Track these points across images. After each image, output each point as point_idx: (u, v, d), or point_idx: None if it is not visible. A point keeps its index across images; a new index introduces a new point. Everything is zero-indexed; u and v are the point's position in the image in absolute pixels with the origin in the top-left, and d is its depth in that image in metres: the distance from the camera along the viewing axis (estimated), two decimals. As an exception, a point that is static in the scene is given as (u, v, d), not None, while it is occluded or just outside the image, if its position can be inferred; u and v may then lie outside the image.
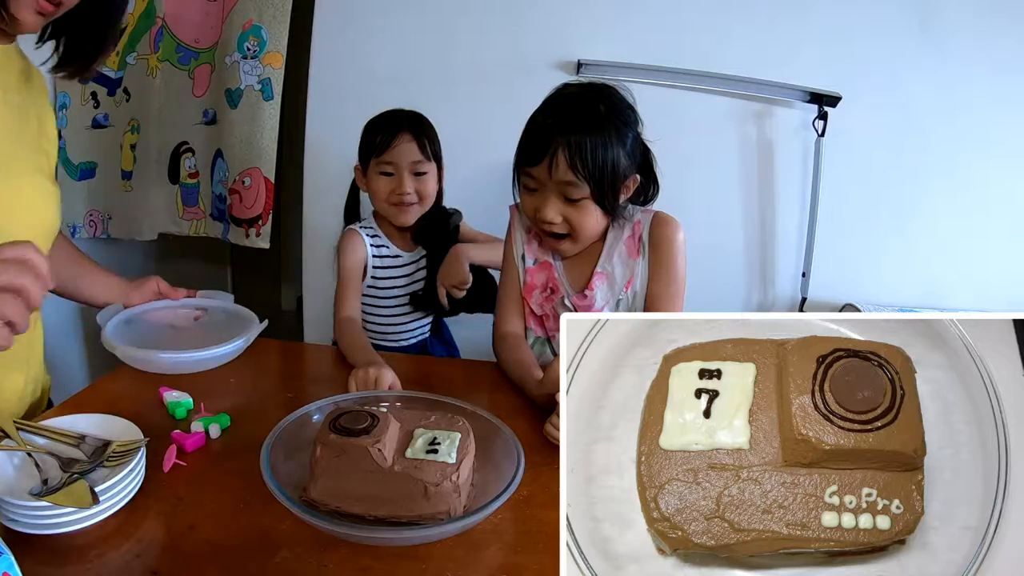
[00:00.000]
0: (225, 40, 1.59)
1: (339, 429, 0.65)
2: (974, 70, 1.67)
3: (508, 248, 1.13)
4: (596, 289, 1.04)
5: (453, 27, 1.66)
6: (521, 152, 0.99)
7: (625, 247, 1.05)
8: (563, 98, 0.98)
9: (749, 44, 1.66)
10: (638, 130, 0.98)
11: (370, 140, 1.24)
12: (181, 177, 1.72)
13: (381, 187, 1.23)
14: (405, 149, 1.22)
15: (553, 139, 0.92)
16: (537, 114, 0.99)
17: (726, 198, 1.76)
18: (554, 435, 0.80)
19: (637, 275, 1.04)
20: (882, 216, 1.77)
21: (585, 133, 0.92)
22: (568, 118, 0.93)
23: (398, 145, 1.21)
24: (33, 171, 0.81)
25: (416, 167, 1.23)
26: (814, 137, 1.67)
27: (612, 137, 0.93)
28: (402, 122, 1.24)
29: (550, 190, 0.96)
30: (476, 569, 0.60)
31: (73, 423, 0.73)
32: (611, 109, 0.95)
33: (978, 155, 1.72)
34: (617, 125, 0.94)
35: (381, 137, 1.22)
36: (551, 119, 0.94)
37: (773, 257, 1.81)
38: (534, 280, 1.08)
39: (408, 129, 1.23)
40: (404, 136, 1.22)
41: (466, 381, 1.03)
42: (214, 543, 0.61)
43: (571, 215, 0.97)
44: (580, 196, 0.95)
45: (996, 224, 1.77)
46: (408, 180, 1.22)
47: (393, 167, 1.22)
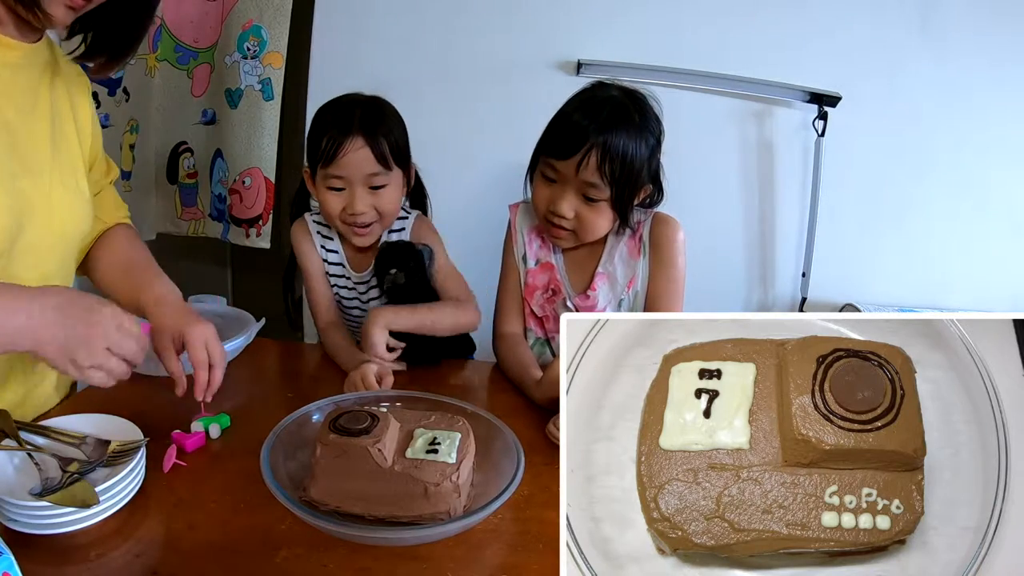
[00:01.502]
0: (225, 40, 1.59)
1: (339, 429, 0.65)
2: (974, 70, 1.67)
3: (508, 248, 1.13)
4: (598, 289, 1.04)
5: (453, 27, 1.66)
6: (549, 143, 0.99)
7: (626, 247, 1.05)
8: (601, 100, 0.98)
9: (749, 44, 1.66)
10: (660, 141, 1.00)
11: (315, 142, 1.00)
12: (180, 177, 1.72)
13: (331, 204, 1.02)
14: (357, 159, 0.98)
15: (588, 138, 0.93)
16: (571, 110, 0.98)
17: (726, 198, 1.76)
18: (557, 435, 0.80)
19: (638, 275, 1.04)
20: (882, 216, 1.77)
21: (620, 140, 0.93)
22: (606, 121, 0.94)
23: (348, 153, 0.97)
24: (58, 171, 0.79)
25: (372, 180, 1.00)
26: (814, 137, 1.67)
27: (642, 147, 0.95)
28: (353, 121, 0.98)
29: (571, 186, 0.97)
30: (476, 569, 0.60)
31: (73, 423, 0.73)
32: (643, 117, 0.97)
33: (978, 155, 1.72)
34: (646, 135, 0.96)
35: (327, 141, 0.98)
36: (588, 118, 0.95)
37: (773, 257, 1.81)
38: (535, 281, 1.08)
39: (361, 131, 0.98)
40: (355, 141, 0.98)
41: (466, 381, 1.03)
42: (214, 543, 0.61)
43: (585, 214, 0.98)
44: (599, 198, 0.96)
45: (996, 224, 1.77)
46: (362, 197, 1.00)
47: (343, 181, 1.00)
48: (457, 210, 1.35)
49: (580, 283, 1.07)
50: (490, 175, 1.62)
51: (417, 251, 1.02)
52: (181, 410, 0.83)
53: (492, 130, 1.68)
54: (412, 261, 1.01)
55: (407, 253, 1.02)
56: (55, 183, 0.78)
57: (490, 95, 1.68)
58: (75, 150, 0.83)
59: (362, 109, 1.01)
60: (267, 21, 1.54)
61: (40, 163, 0.76)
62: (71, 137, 0.82)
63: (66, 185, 0.80)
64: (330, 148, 0.98)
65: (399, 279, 1.00)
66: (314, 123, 1.03)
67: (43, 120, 0.78)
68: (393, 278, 1.00)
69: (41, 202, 0.75)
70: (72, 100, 0.83)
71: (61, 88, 0.81)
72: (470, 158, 1.71)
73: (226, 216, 1.66)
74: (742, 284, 1.83)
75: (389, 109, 1.04)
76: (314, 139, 1.01)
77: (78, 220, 0.82)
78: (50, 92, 0.79)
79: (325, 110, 1.03)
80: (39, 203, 0.75)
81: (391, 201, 1.04)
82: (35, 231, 0.75)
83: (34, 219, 0.74)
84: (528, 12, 1.65)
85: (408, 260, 1.01)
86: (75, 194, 0.82)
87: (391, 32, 1.66)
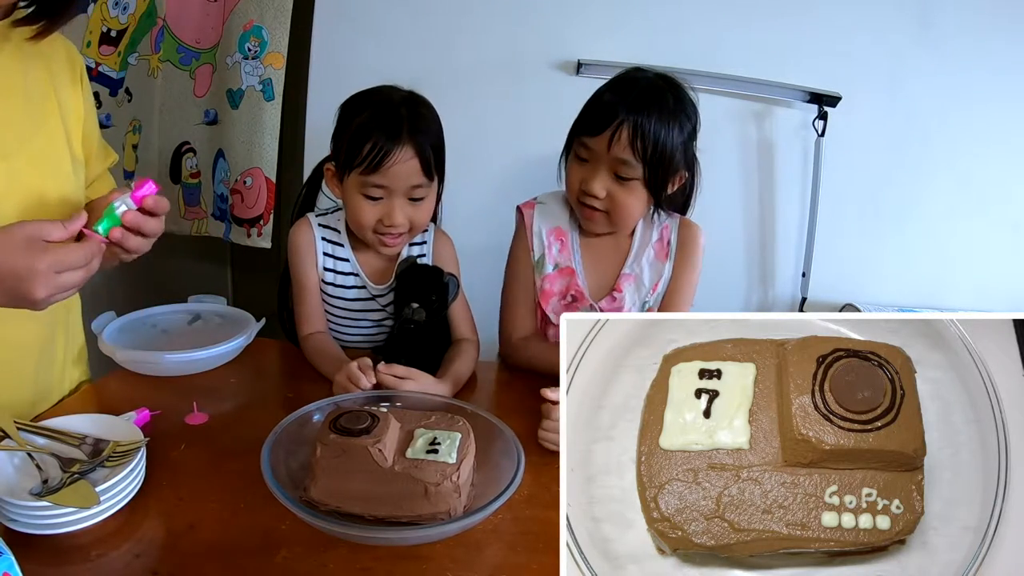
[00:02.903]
0: (226, 40, 1.59)
1: (339, 429, 0.65)
2: (974, 70, 1.67)
3: (518, 252, 1.11)
4: (624, 291, 1.04)
5: (453, 27, 1.66)
6: (582, 121, 1.00)
7: (654, 250, 1.05)
8: (634, 80, 0.99)
9: (749, 44, 1.66)
10: (696, 129, 1.00)
11: (356, 146, 0.91)
12: (183, 177, 1.72)
13: (366, 213, 0.95)
14: (406, 170, 0.91)
15: (619, 114, 0.93)
16: (604, 91, 0.99)
17: (726, 198, 1.76)
18: (550, 439, 0.79)
19: (663, 278, 1.05)
20: (882, 216, 1.77)
21: (651, 116, 0.93)
22: (637, 99, 0.94)
23: (396, 164, 0.90)
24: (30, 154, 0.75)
25: (414, 192, 0.94)
26: (814, 137, 1.67)
27: (674, 127, 0.95)
28: (402, 126, 0.90)
29: (603, 164, 0.97)
30: (476, 569, 0.60)
31: (73, 423, 0.73)
32: (679, 101, 0.97)
33: (978, 155, 1.72)
34: (681, 119, 0.96)
35: (373, 148, 0.89)
36: (619, 96, 0.95)
37: (773, 257, 1.81)
38: (552, 287, 1.07)
39: (411, 138, 0.90)
40: (405, 151, 0.90)
41: (467, 381, 1.03)
42: (214, 543, 0.61)
43: (617, 193, 0.98)
44: (631, 176, 0.96)
45: (996, 224, 1.77)
46: (402, 207, 0.94)
47: (384, 191, 0.93)
48: (457, 210, 1.35)
49: (599, 286, 1.06)
50: (490, 175, 1.62)
51: (443, 284, 0.94)
52: (181, 410, 0.84)
53: (492, 130, 1.68)
54: (436, 295, 0.94)
55: (431, 283, 0.94)
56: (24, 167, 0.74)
57: (490, 95, 1.68)
58: (56, 133, 0.79)
59: (408, 109, 0.93)
60: (268, 22, 1.54)
61: (6, 146, 0.73)
62: (51, 120, 0.79)
63: (40, 169, 0.76)
64: (376, 156, 0.89)
65: (419, 316, 0.93)
66: (350, 120, 0.94)
67: (10, 100, 0.74)
68: (413, 313, 0.93)
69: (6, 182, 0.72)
70: (55, 81, 0.80)
71: (39, 70, 0.78)
72: (470, 158, 1.70)
73: (228, 216, 1.66)
74: (742, 284, 1.83)
75: (430, 109, 0.97)
76: (354, 141, 0.91)
77: (51, 208, 0.77)
78: (22, 74, 0.76)
79: (361, 106, 0.93)
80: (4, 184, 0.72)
81: (427, 212, 0.98)
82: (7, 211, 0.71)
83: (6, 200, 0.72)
84: (528, 12, 1.65)
85: (431, 293, 0.94)
86: (52, 179, 0.78)
87: (391, 32, 1.66)
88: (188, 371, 0.95)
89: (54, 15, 0.73)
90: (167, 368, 0.94)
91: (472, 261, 1.16)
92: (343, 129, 0.95)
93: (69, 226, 0.63)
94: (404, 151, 0.90)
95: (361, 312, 1.07)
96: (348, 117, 0.95)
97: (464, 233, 1.21)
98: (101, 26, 1.60)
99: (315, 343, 1.02)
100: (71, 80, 0.83)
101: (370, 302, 1.05)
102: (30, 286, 0.60)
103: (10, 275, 0.60)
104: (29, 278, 0.60)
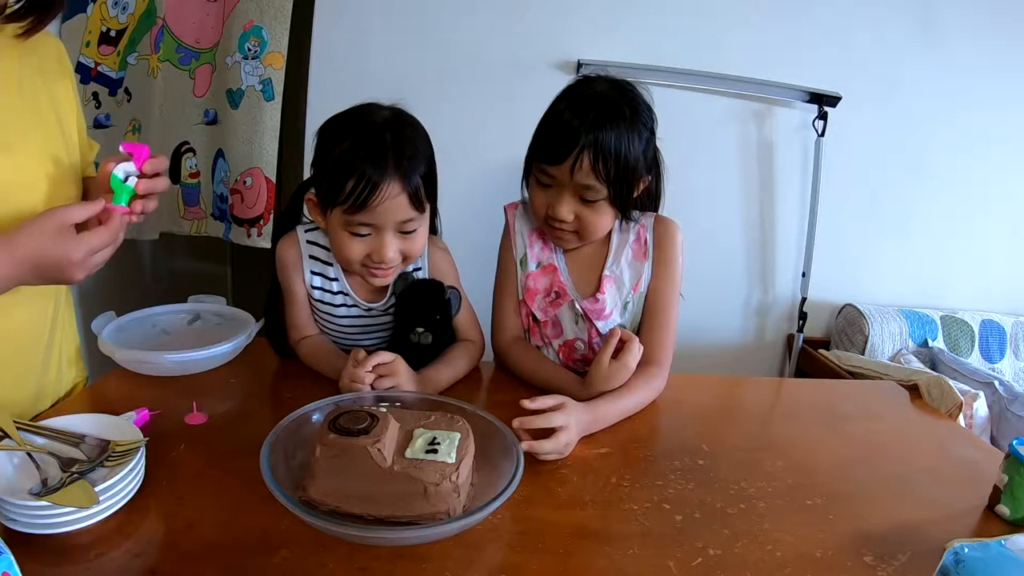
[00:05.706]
0: (226, 41, 1.59)
1: (339, 429, 0.65)
2: (974, 71, 1.67)
3: (504, 252, 1.11)
4: (607, 292, 1.04)
5: (453, 27, 1.66)
6: (541, 147, 0.97)
7: (632, 250, 1.05)
8: (589, 97, 0.94)
9: (749, 44, 1.66)
10: (654, 130, 0.98)
11: (338, 180, 0.83)
12: (182, 177, 1.72)
13: (352, 250, 0.88)
14: (393, 207, 0.84)
15: (578, 140, 0.90)
16: (561, 110, 0.95)
17: (726, 198, 1.77)
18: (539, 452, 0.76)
19: (643, 277, 1.04)
20: (882, 216, 1.78)
21: (612, 138, 0.91)
22: (596, 120, 0.91)
23: (384, 202, 0.83)
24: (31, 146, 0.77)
25: (404, 226, 0.88)
26: (814, 137, 1.68)
27: (635, 141, 0.93)
28: (386, 158, 0.83)
29: (567, 189, 0.95)
30: (476, 569, 0.60)
31: (73, 423, 0.73)
32: (635, 111, 0.94)
33: (978, 155, 1.72)
34: (639, 128, 0.94)
35: (356, 185, 0.82)
36: (577, 119, 0.92)
37: (773, 257, 1.81)
38: (536, 285, 1.07)
39: (397, 172, 0.83)
40: (392, 187, 0.83)
41: (466, 381, 1.03)
42: (214, 543, 0.61)
43: (585, 215, 0.97)
44: (597, 198, 0.95)
45: (996, 224, 1.77)
46: (391, 243, 0.88)
47: (371, 228, 0.87)
48: (456, 210, 1.35)
49: (585, 285, 1.06)
50: (490, 175, 1.62)
51: (445, 300, 0.91)
52: (181, 410, 0.84)
53: (492, 130, 1.69)
54: (439, 313, 0.92)
55: (433, 301, 0.91)
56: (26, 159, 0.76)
57: (490, 95, 1.68)
58: (51, 126, 0.81)
59: (392, 134, 0.84)
60: (268, 22, 1.54)
61: (7, 139, 0.75)
62: (45, 111, 0.81)
63: (41, 161, 0.78)
64: (360, 194, 0.82)
65: (425, 340, 0.90)
66: (330, 148, 0.85)
67: (7, 94, 0.76)
68: (419, 339, 0.91)
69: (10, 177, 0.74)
70: (45, 75, 0.81)
71: (31, 65, 0.79)
72: (470, 158, 1.71)
73: (228, 216, 1.66)
74: (742, 284, 1.83)
75: (416, 129, 0.89)
76: (336, 174, 0.84)
77: (53, 197, 0.78)
78: (16, 69, 0.77)
79: (342, 132, 0.86)
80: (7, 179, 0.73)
81: (421, 241, 0.92)
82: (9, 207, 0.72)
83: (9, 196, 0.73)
84: (528, 12, 1.65)
85: (434, 312, 0.92)
86: (55, 170, 0.79)
87: (391, 32, 1.66)
88: (188, 371, 0.95)
89: (43, 12, 0.77)
90: (167, 368, 0.94)
91: (472, 261, 1.16)
92: (323, 158, 0.87)
93: (92, 207, 0.70)
94: (391, 186, 0.83)
95: (356, 328, 1.04)
96: (328, 144, 0.87)
97: (464, 233, 1.21)
98: (100, 26, 1.60)
99: (309, 345, 1.01)
100: (60, 74, 0.85)
101: (364, 318, 1.03)
102: (70, 273, 0.68)
103: (51, 266, 0.67)
104: (67, 267, 0.68)
